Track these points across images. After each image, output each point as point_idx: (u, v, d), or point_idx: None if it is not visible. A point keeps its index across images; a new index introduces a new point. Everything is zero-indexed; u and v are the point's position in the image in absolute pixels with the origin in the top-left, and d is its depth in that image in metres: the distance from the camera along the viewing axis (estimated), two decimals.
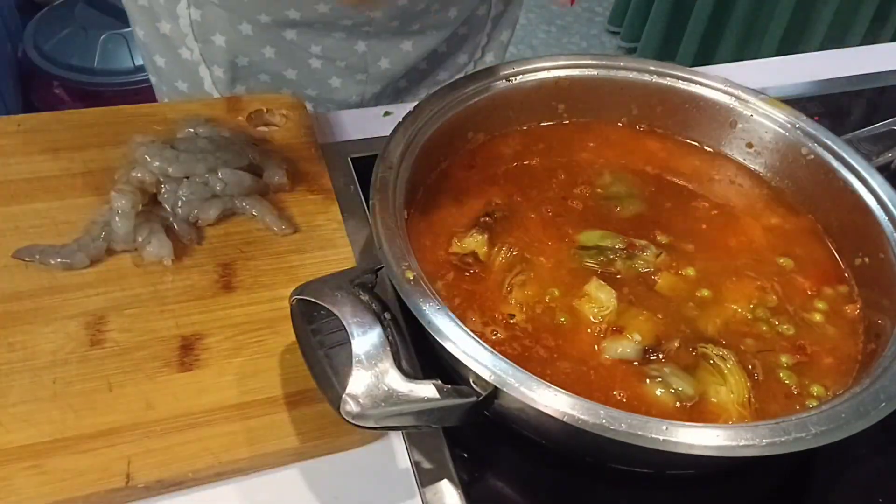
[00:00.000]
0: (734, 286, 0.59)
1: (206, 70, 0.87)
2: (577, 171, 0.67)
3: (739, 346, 0.55)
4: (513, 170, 0.67)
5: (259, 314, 0.58)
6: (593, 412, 0.44)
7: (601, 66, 0.69)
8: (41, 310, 0.57)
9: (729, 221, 0.65)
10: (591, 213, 0.63)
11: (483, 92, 0.66)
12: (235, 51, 0.84)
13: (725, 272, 0.60)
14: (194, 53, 0.86)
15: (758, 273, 0.60)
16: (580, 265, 0.59)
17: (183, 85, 0.90)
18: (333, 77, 0.88)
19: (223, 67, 0.86)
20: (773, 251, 0.62)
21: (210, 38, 0.84)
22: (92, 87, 1.87)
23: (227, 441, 0.51)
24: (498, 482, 0.54)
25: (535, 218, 0.63)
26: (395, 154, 0.58)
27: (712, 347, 0.54)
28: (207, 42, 0.84)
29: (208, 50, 0.85)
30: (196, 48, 0.85)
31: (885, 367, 0.49)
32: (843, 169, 0.63)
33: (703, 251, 0.62)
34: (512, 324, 0.55)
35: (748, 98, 0.67)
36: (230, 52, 0.84)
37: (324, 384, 0.46)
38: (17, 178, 0.65)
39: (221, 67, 0.86)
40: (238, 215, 0.65)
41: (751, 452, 0.43)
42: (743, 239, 0.63)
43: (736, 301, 0.58)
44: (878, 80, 0.95)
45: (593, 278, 0.57)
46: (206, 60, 0.86)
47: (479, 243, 0.59)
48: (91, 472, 0.49)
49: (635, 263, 0.59)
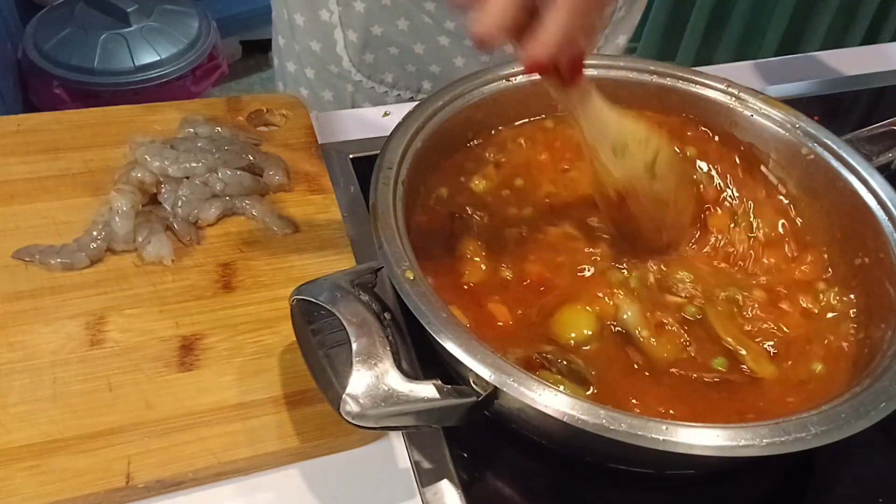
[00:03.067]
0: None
1: (340, 33, 0.90)
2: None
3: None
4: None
5: (259, 314, 0.58)
6: (593, 412, 0.44)
7: (601, 66, 0.69)
8: (41, 310, 0.57)
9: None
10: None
11: (483, 92, 0.66)
12: (373, 19, 0.88)
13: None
14: (333, 16, 0.89)
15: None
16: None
17: (316, 45, 0.93)
18: (458, 56, 0.90)
19: (357, 33, 0.89)
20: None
21: (352, 2, 0.87)
22: (92, 87, 1.87)
23: (227, 441, 0.51)
24: (498, 482, 0.54)
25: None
26: (395, 154, 0.58)
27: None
28: (348, 6, 0.88)
29: (347, 14, 0.88)
30: (336, 11, 0.89)
31: (885, 367, 0.49)
32: (843, 169, 0.62)
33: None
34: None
35: (748, 98, 0.67)
36: (367, 19, 0.88)
37: (324, 384, 0.46)
38: (17, 178, 0.65)
39: (356, 32, 0.89)
40: (238, 215, 0.65)
41: (751, 452, 0.43)
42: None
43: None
44: (878, 80, 0.95)
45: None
46: (342, 24, 0.89)
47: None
48: (91, 472, 0.49)
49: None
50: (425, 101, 0.63)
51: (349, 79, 0.93)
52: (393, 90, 0.93)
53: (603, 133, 0.56)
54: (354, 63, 0.91)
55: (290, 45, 0.96)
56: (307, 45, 0.93)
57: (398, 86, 0.93)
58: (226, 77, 2.14)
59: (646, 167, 0.57)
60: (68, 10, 1.96)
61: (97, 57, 1.87)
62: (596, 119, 0.55)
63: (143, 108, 0.73)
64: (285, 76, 1.00)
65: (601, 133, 0.56)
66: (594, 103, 0.55)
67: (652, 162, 0.57)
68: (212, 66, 2.04)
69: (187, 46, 1.96)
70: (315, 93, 0.96)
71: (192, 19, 2.02)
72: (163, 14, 1.99)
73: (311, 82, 0.96)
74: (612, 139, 0.56)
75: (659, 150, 0.58)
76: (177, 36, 1.96)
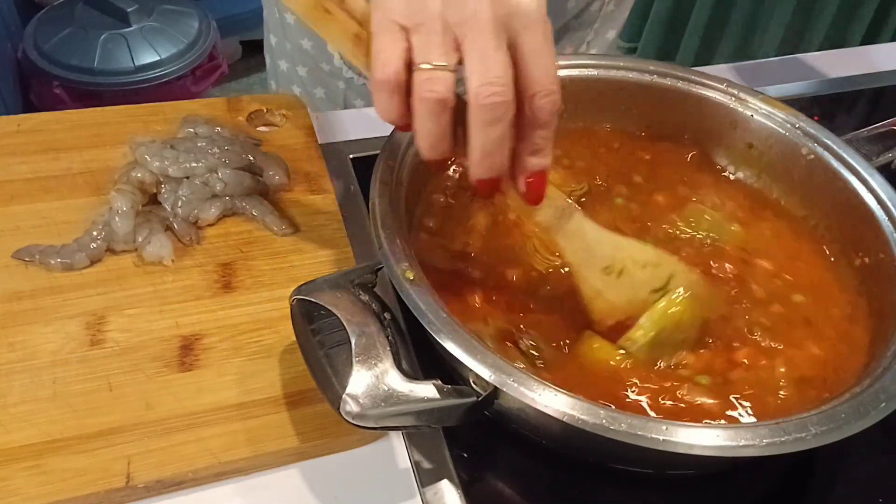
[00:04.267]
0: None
1: None
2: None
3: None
4: None
5: (259, 314, 0.58)
6: (593, 412, 0.44)
7: (601, 66, 0.69)
8: (41, 310, 0.57)
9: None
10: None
11: None
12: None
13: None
14: None
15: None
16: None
17: (308, 44, 0.92)
18: None
19: None
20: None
21: None
22: (92, 87, 1.87)
23: (227, 441, 0.51)
24: (498, 482, 0.54)
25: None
26: (395, 154, 0.58)
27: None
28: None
29: None
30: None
31: (885, 367, 0.49)
32: (843, 169, 0.62)
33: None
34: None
35: (748, 98, 0.67)
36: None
37: (324, 384, 0.46)
38: (17, 178, 0.65)
39: None
40: (238, 215, 0.65)
41: (751, 452, 0.43)
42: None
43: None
44: (878, 80, 0.95)
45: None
46: None
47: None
48: (91, 472, 0.49)
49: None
50: None
51: (341, 76, 0.92)
52: None
53: (589, 252, 0.52)
54: (346, 61, 0.91)
55: (282, 44, 0.96)
56: (298, 43, 0.93)
57: None
58: (226, 77, 2.14)
59: (653, 291, 0.52)
60: (68, 10, 1.96)
61: (97, 57, 1.87)
62: (578, 239, 0.51)
63: (143, 108, 0.73)
64: (277, 75, 1.00)
65: (587, 253, 0.52)
66: (576, 219, 0.51)
67: (663, 286, 0.52)
68: (212, 66, 2.04)
69: (187, 46, 1.96)
70: (307, 91, 0.96)
71: (192, 19, 2.02)
72: (163, 14, 1.99)
73: (303, 80, 0.96)
74: (602, 260, 0.52)
75: (674, 274, 0.53)
76: (177, 36, 1.96)
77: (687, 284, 0.53)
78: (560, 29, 0.92)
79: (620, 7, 0.98)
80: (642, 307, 0.53)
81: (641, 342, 0.51)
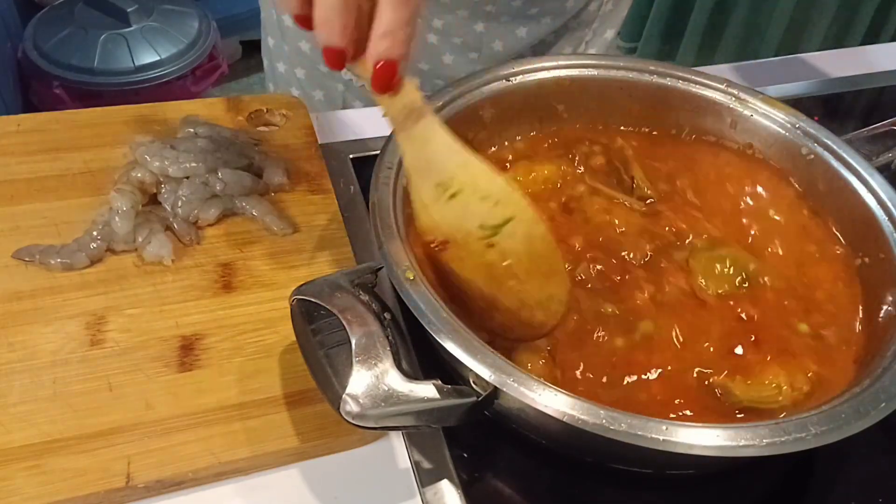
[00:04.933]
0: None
1: None
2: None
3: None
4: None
5: (259, 314, 0.58)
6: (593, 412, 0.44)
7: (601, 66, 0.69)
8: (41, 310, 0.57)
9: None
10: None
11: (483, 92, 0.65)
12: None
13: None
14: None
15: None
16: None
17: (306, 46, 0.92)
18: (447, 53, 0.90)
19: None
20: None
21: None
22: (92, 87, 1.87)
23: (227, 441, 0.51)
24: (498, 482, 0.54)
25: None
26: (395, 154, 0.58)
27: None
28: None
29: None
30: None
31: (885, 367, 0.49)
32: (843, 169, 0.62)
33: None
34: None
35: (748, 98, 0.67)
36: None
37: (324, 384, 0.46)
38: (17, 178, 0.65)
39: None
40: (238, 215, 0.65)
41: (751, 452, 0.43)
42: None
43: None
44: (878, 80, 0.95)
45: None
46: None
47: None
48: (91, 472, 0.49)
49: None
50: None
51: (340, 78, 0.92)
52: None
53: (427, 164, 0.49)
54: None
55: (280, 46, 0.96)
56: (297, 45, 0.93)
57: None
58: (226, 77, 2.14)
59: (482, 227, 0.49)
60: (68, 10, 1.96)
61: (97, 57, 1.87)
62: (420, 142, 0.48)
63: (143, 108, 0.73)
64: (276, 77, 1.00)
65: (423, 164, 0.49)
66: (423, 125, 0.48)
67: (495, 226, 0.49)
68: (212, 66, 2.04)
69: (187, 46, 1.96)
70: (306, 93, 0.96)
71: (192, 19, 2.02)
72: (163, 14, 1.99)
73: (301, 82, 0.96)
74: (439, 175, 0.49)
75: (514, 219, 0.48)
76: (177, 36, 1.96)
77: (523, 236, 0.49)
78: (559, 29, 0.93)
79: (619, 6, 0.98)
80: (465, 238, 0.49)
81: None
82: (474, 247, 0.50)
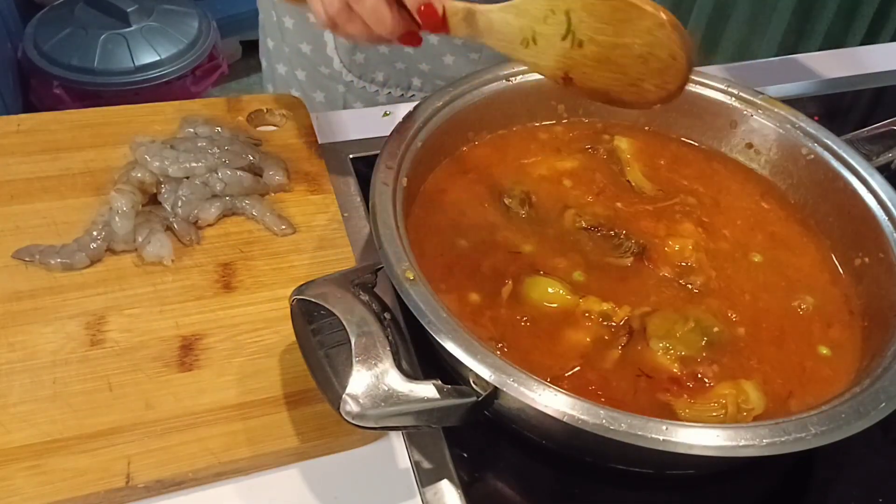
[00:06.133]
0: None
1: (331, 34, 0.89)
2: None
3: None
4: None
5: (259, 314, 0.58)
6: (593, 412, 0.44)
7: None
8: (41, 310, 0.57)
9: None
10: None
11: (483, 92, 0.66)
12: None
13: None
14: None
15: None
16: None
17: (307, 48, 0.92)
18: (448, 54, 0.90)
19: None
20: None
21: None
22: (92, 87, 1.87)
23: (227, 441, 0.51)
24: (498, 482, 0.54)
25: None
26: (394, 154, 0.58)
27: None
28: None
29: None
30: None
31: (885, 367, 0.49)
32: (843, 169, 0.63)
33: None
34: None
35: (748, 98, 0.67)
36: None
37: (324, 384, 0.46)
38: (17, 178, 0.65)
39: None
40: (238, 215, 0.65)
41: (751, 452, 0.43)
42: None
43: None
44: (878, 80, 0.95)
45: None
46: None
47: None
48: (91, 472, 0.49)
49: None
50: (425, 101, 0.63)
51: (340, 79, 0.92)
52: (384, 88, 0.93)
53: (507, 37, 0.54)
54: (345, 63, 0.91)
55: (280, 48, 0.96)
56: (297, 47, 0.93)
57: (388, 84, 0.93)
58: (226, 77, 2.14)
59: (563, 38, 0.52)
60: (68, 10, 1.96)
61: (97, 57, 1.87)
62: (490, 30, 0.54)
63: (143, 108, 0.73)
64: (275, 78, 1.00)
65: (506, 38, 0.54)
66: (480, 18, 0.54)
67: (567, 30, 0.52)
68: (212, 66, 2.04)
69: (187, 46, 1.96)
70: (306, 94, 0.96)
71: (192, 19, 2.02)
72: (163, 14, 1.99)
73: (301, 84, 0.96)
74: (517, 36, 0.54)
75: (569, 11, 0.51)
76: (177, 36, 1.96)
77: (585, 11, 0.51)
78: None
79: None
80: (566, 56, 0.53)
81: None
82: (576, 56, 0.53)
